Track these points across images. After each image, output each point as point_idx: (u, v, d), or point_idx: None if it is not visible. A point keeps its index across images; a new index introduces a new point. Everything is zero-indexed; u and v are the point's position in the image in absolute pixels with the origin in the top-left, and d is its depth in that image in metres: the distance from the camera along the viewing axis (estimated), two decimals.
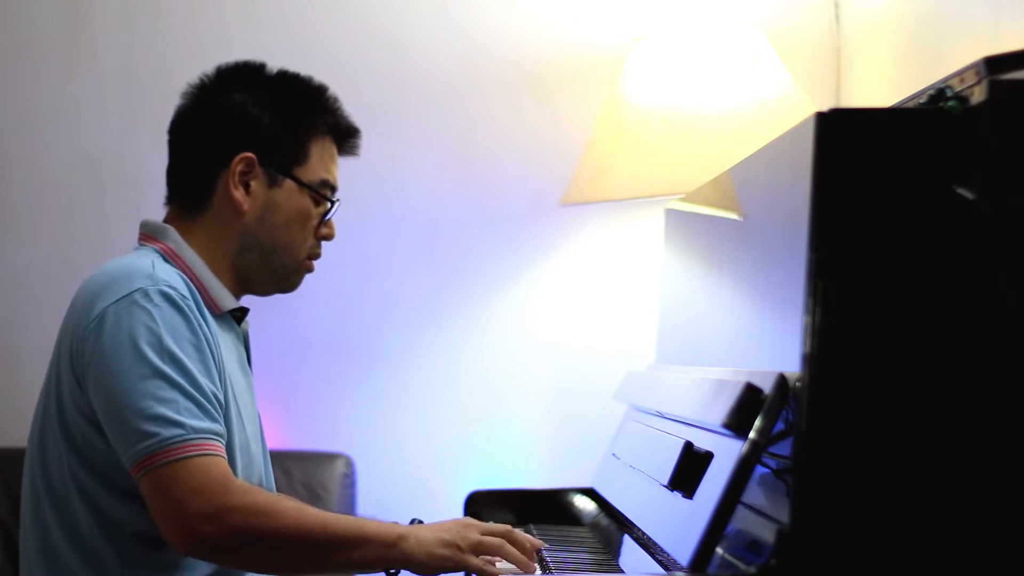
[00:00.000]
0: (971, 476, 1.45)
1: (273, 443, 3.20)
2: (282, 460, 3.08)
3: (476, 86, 3.24)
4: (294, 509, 1.70)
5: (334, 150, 1.97)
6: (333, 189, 1.96)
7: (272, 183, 1.90)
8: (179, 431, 1.68)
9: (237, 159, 1.88)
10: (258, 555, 1.69)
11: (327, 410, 3.27)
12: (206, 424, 1.70)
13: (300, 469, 3.09)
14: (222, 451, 1.71)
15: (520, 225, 3.23)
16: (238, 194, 1.88)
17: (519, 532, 1.86)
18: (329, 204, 1.95)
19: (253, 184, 1.89)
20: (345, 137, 1.99)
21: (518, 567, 1.76)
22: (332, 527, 1.70)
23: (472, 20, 3.24)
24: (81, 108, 3.28)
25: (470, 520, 1.82)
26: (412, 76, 3.25)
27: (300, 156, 1.92)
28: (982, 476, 1.45)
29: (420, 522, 2.00)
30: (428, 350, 3.25)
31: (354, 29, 3.26)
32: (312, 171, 1.93)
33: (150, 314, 1.73)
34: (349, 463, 3.16)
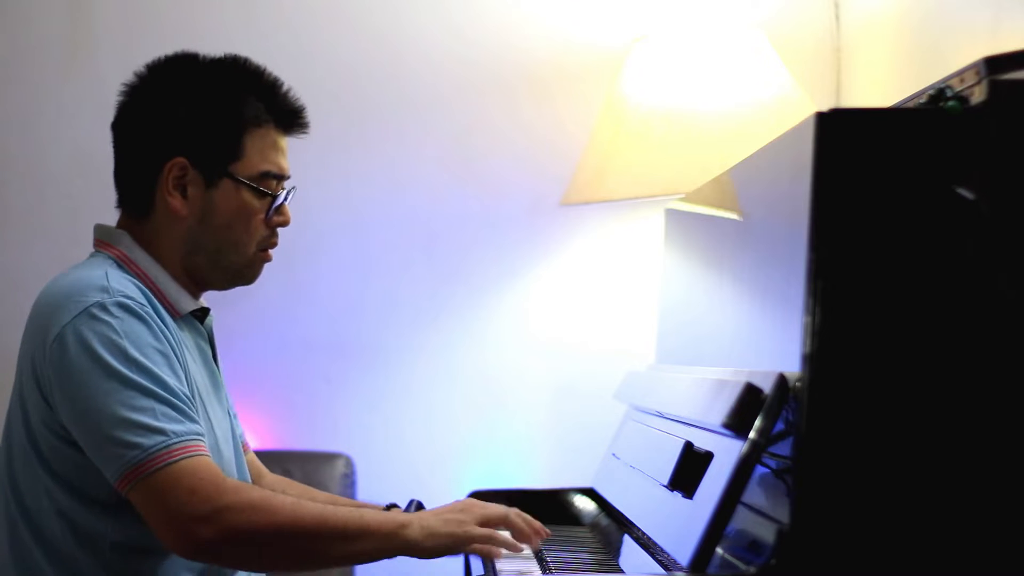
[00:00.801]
0: (971, 475, 1.45)
1: (273, 443, 3.22)
2: (282, 460, 3.08)
3: (476, 86, 3.24)
4: (291, 503, 1.69)
5: (275, 137, 1.89)
6: (279, 177, 1.89)
7: (209, 184, 1.85)
8: (161, 438, 1.66)
9: (169, 165, 1.84)
10: (258, 552, 1.68)
11: (327, 410, 3.27)
12: (187, 426, 1.69)
13: (300, 469, 3.09)
14: (206, 450, 1.70)
15: (520, 225, 3.23)
16: (174, 201, 1.84)
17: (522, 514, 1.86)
18: (272, 196, 1.88)
19: (189, 188, 1.84)
20: (289, 119, 1.91)
21: (519, 537, 1.76)
22: (331, 520, 1.69)
23: (472, 20, 3.24)
24: (81, 108, 3.28)
25: (471, 501, 1.81)
26: (412, 76, 3.25)
27: (235, 152, 1.85)
28: (982, 476, 1.45)
29: (420, 504, 2.00)
30: (428, 350, 3.25)
31: (354, 29, 3.26)
32: (250, 165, 1.86)
33: (110, 326, 1.71)
34: (349, 463, 3.16)
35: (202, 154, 1.85)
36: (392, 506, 2.07)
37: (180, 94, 1.87)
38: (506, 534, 1.80)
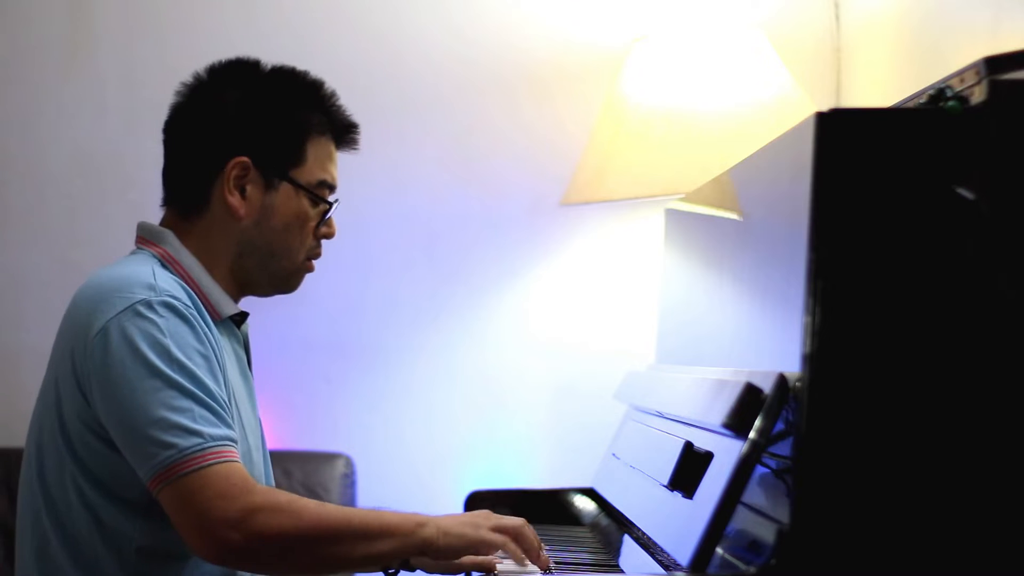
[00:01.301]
0: (971, 475, 1.45)
1: (273, 443, 3.20)
2: (282, 460, 3.08)
3: (476, 86, 3.24)
4: (315, 505, 1.70)
5: (332, 148, 1.93)
6: (332, 188, 1.93)
7: (268, 186, 1.87)
8: (198, 440, 1.66)
9: (232, 164, 1.84)
10: (284, 555, 1.68)
11: (327, 410, 3.27)
12: (222, 431, 1.69)
13: (300, 469, 3.09)
14: (239, 457, 1.70)
15: (520, 225, 3.23)
16: (234, 199, 1.85)
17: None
18: (327, 204, 1.91)
19: (249, 188, 1.86)
20: (343, 133, 1.95)
21: (528, 553, 1.76)
22: (355, 521, 1.70)
23: (472, 20, 3.24)
24: (81, 108, 3.28)
25: (487, 512, 1.82)
26: (412, 76, 3.25)
27: (296, 158, 1.88)
28: (982, 476, 1.45)
29: None
30: (428, 350, 3.25)
31: (354, 29, 3.26)
32: (309, 172, 1.89)
33: (155, 324, 1.71)
34: (349, 463, 3.16)
35: (265, 156, 1.86)
36: None
37: (245, 96, 1.88)
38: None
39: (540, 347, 3.22)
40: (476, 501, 2.35)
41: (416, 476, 3.20)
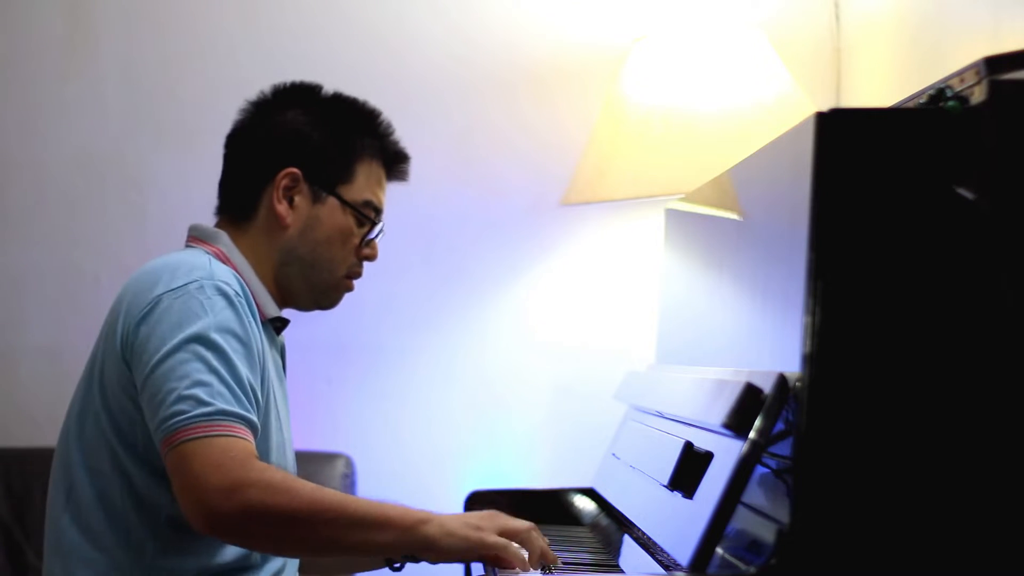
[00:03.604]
0: (971, 476, 1.45)
1: None
2: None
3: (476, 86, 3.24)
4: (312, 487, 1.70)
5: (382, 174, 2.03)
6: (377, 211, 2.01)
7: (316, 199, 1.95)
8: (206, 409, 1.69)
9: (282, 173, 1.93)
10: (274, 533, 1.69)
11: (327, 410, 3.27)
12: (236, 409, 1.71)
13: (300, 469, 3.05)
14: (248, 436, 1.72)
15: (520, 225, 3.23)
16: (281, 208, 1.94)
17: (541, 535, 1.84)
18: (372, 223, 1.99)
19: (297, 199, 1.95)
20: (394, 162, 2.05)
21: (531, 558, 1.75)
22: (351, 507, 1.71)
23: (472, 20, 3.24)
24: (81, 108, 3.28)
25: (496, 512, 1.81)
26: (412, 76, 3.25)
27: (346, 175, 1.97)
28: (982, 476, 1.45)
29: None
30: (428, 350, 3.25)
31: (354, 29, 3.26)
32: (357, 191, 1.98)
33: (202, 305, 1.77)
34: (349, 463, 3.16)
35: (316, 169, 1.96)
36: None
37: (307, 111, 1.98)
38: (524, 553, 1.79)
39: (540, 347, 3.22)
40: (476, 501, 2.35)
41: (416, 476, 3.20)
